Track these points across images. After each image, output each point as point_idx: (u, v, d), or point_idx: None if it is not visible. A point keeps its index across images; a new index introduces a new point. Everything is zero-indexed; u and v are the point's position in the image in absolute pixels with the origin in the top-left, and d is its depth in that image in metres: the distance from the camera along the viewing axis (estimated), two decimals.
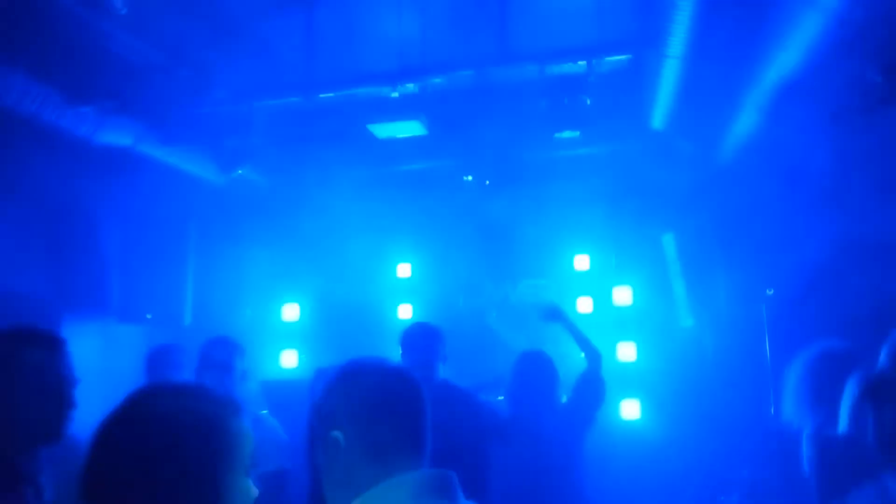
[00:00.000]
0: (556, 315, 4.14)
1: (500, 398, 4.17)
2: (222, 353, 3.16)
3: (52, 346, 2.02)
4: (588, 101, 4.36)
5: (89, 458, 1.17)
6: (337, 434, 1.45)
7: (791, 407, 2.74)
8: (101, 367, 4.92)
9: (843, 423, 2.22)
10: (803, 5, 3.17)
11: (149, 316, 4.76)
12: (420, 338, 3.45)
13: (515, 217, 6.41)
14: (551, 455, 3.58)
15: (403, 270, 6.72)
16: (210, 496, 1.15)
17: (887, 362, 1.88)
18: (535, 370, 3.71)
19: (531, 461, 3.59)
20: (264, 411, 3.97)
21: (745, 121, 4.30)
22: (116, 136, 4.22)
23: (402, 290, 6.63)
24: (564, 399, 3.81)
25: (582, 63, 4.24)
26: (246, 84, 4.50)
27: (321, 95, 4.47)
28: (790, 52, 3.48)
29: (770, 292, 4.46)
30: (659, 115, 4.67)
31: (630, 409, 5.44)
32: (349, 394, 1.49)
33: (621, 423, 5.36)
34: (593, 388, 3.78)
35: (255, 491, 1.23)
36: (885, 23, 2.98)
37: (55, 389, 1.97)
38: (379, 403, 1.48)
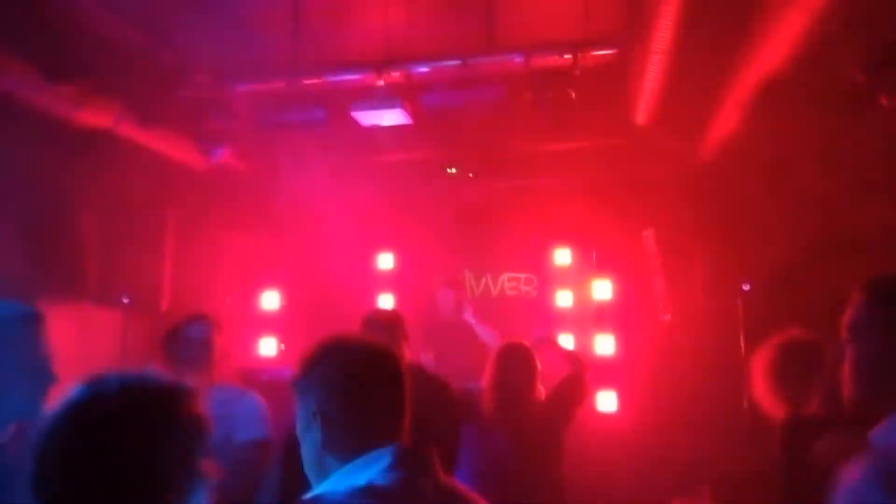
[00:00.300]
0: (544, 341, 4.19)
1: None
2: (202, 331, 3.13)
3: (36, 319, 2.00)
4: (573, 95, 4.38)
5: (36, 451, 1.15)
6: (318, 408, 1.46)
7: (761, 396, 2.80)
8: (77, 350, 4.86)
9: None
10: (786, 2, 3.21)
11: (126, 300, 4.69)
12: (381, 322, 3.43)
13: (497, 209, 6.43)
14: (529, 446, 3.59)
15: (384, 261, 6.71)
16: (157, 483, 1.14)
17: None
18: (515, 361, 3.72)
19: (509, 451, 3.61)
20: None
21: (727, 117, 4.35)
22: (96, 116, 4.15)
23: (382, 281, 6.63)
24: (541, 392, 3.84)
25: (567, 56, 4.26)
26: (229, 67, 4.45)
27: (305, 81, 4.44)
28: (773, 49, 3.52)
29: (746, 287, 4.52)
30: (642, 110, 4.70)
31: (606, 402, 5.49)
32: (331, 367, 1.50)
33: (597, 416, 5.41)
34: (576, 388, 3.81)
35: (211, 473, 1.23)
36: (867, 21, 3.03)
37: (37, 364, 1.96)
38: (361, 377, 1.49)
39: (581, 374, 3.86)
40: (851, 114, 3.40)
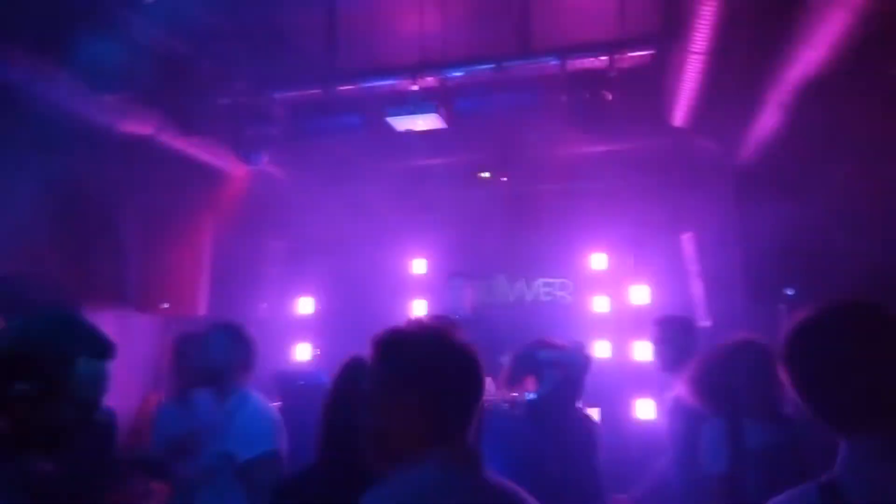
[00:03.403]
0: None
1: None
2: (209, 342, 3.16)
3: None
4: (609, 97, 4.34)
5: None
6: (397, 403, 1.44)
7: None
8: (119, 355, 4.96)
9: None
10: (829, 1, 3.13)
11: (165, 305, 4.78)
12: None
13: (531, 214, 6.39)
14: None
15: (418, 266, 6.71)
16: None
17: None
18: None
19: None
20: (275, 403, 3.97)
21: (768, 117, 4.26)
22: (137, 125, 4.25)
23: (416, 286, 6.63)
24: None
25: (603, 58, 4.21)
26: (266, 75, 4.51)
27: (341, 87, 4.47)
28: (815, 49, 3.43)
29: (790, 292, 4.40)
30: (680, 112, 4.63)
31: (645, 409, 5.39)
32: (412, 361, 1.46)
33: (637, 424, 5.32)
34: None
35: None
36: None
37: None
38: (444, 371, 1.46)
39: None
40: (895, 112, 3.30)
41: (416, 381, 1.44)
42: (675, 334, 3.91)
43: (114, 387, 2.61)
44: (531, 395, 3.44)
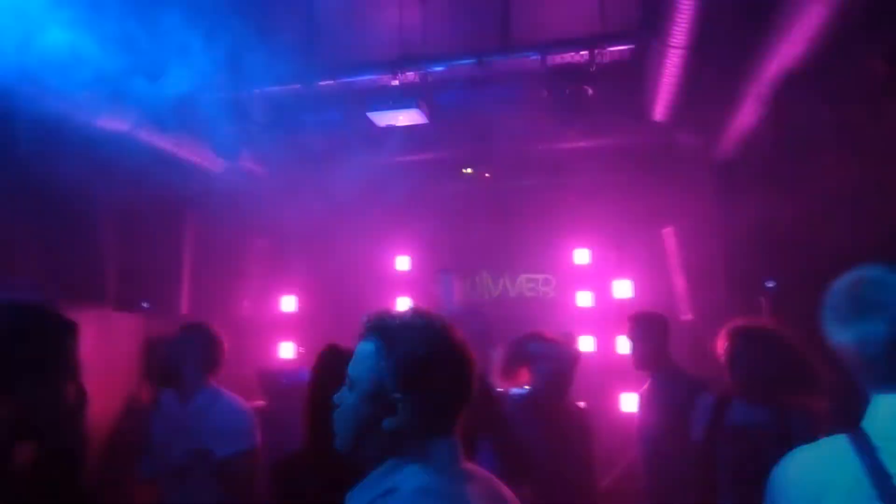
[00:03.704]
0: None
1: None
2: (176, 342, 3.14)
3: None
4: (590, 92, 4.34)
5: None
6: (396, 396, 1.41)
7: None
8: (98, 355, 4.89)
9: None
10: None
11: (145, 305, 4.72)
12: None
13: (514, 209, 6.39)
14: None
15: (402, 263, 6.69)
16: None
17: None
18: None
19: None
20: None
21: (748, 111, 4.28)
22: (113, 121, 4.18)
23: (400, 283, 6.61)
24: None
25: (584, 53, 4.21)
26: (245, 70, 4.46)
27: (321, 83, 4.44)
28: (793, 43, 3.46)
29: (771, 284, 4.43)
30: (660, 107, 4.65)
31: (630, 403, 5.41)
32: (407, 352, 1.43)
33: (622, 417, 5.34)
34: None
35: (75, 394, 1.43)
36: (889, 12, 2.96)
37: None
38: (440, 361, 1.43)
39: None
40: (875, 106, 3.32)
41: (420, 373, 1.41)
42: (648, 331, 3.92)
43: (95, 386, 2.59)
44: (524, 388, 3.44)
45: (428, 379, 1.41)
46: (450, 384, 1.43)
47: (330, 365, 2.23)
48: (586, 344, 5.92)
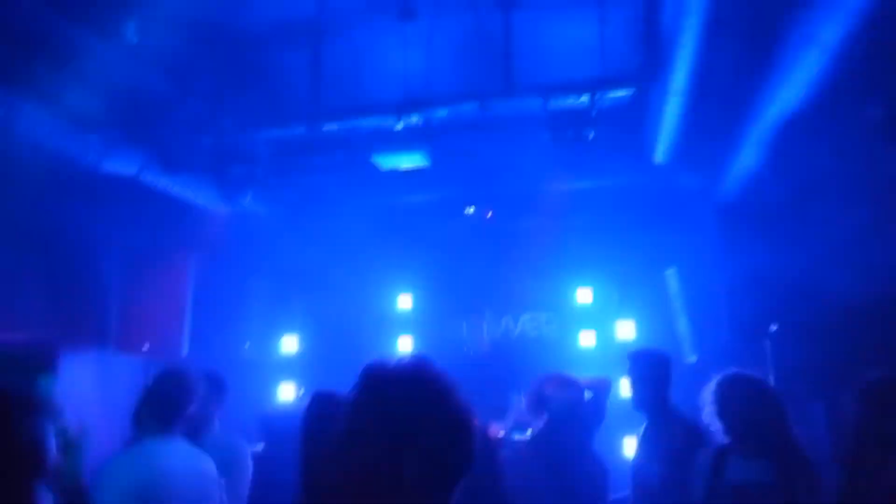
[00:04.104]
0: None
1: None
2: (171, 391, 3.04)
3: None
4: (591, 135, 4.39)
5: None
6: (397, 460, 1.29)
7: None
8: (98, 397, 4.85)
9: None
10: (804, 43, 3.21)
11: (146, 347, 4.70)
12: None
13: (517, 248, 6.40)
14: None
15: (404, 302, 6.68)
16: None
17: None
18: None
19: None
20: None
21: (748, 155, 4.32)
22: (121, 164, 4.23)
23: (402, 322, 6.59)
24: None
25: (585, 97, 4.27)
26: (252, 114, 4.52)
27: (326, 126, 4.49)
28: (792, 88, 3.51)
29: (774, 328, 4.41)
30: (662, 149, 4.69)
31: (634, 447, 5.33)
32: (414, 410, 1.31)
33: (625, 461, 5.25)
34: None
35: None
36: (885, 57, 3.01)
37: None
38: (434, 423, 1.31)
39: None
40: (874, 153, 3.36)
41: (417, 437, 1.30)
42: (647, 371, 3.69)
43: (94, 427, 2.56)
44: (527, 433, 3.41)
45: (419, 440, 1.30)
46: (444, 449, 1.32)
47: (319, 415, 2.19)
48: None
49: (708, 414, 2.95)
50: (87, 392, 4.75)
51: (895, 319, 3.88)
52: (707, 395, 2.99)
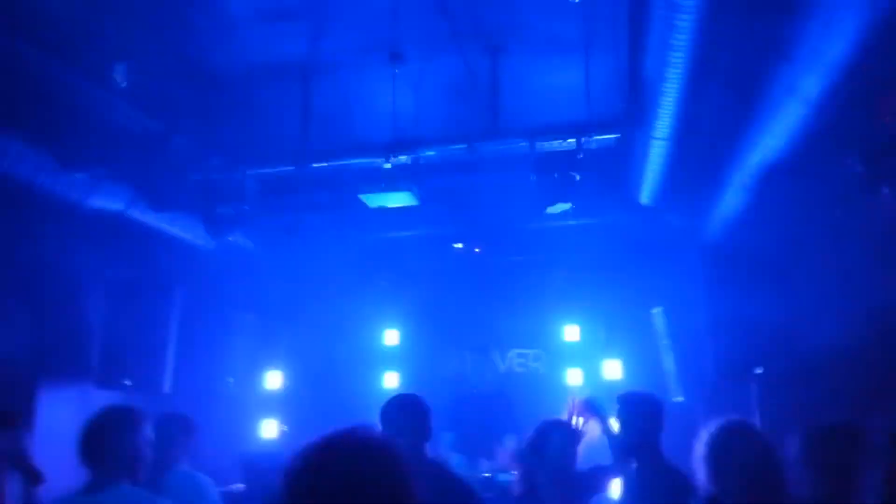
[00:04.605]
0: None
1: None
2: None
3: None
4: (577, 177, 4.43)
5: None
6: None
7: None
8: (77, 432, 4.77)
9: None
10: (785, 94, 3.27)
11: (128, 382, 4.64)
12: (404, 412, 3.23)
13: (505, 284, 6.42)
14: None
15: (390, 338, 6.66)
16: None
17: None
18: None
19: None
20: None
21: (731, 200, 4.37)
22: (108, 201, 4.22)
23: (389, 358, 6.56)
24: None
25: (571, 140, 4.32)
26: (240, 152, 4.54)
27: (314, 165, 4.51)
28: (773, 138, 3.57)
29: (759, 371, 4.42)
30: (647, 192, 4.74)
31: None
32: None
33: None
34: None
35: None
36: (865, 111, 3.07)
37: None
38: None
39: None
40: (853, 201, 3.41)
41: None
42: (637, 414, 3.49)
43: (73, 464, 2.51)
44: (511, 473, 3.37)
45: None
46: None
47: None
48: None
49: (701, 470, 2.85)
50: (67, 427, 4.67)
51: (878, 364, 3.90)
52: (700, 449, 2.88)
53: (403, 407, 3.14)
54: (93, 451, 2.58)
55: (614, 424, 3.76)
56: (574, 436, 3.58)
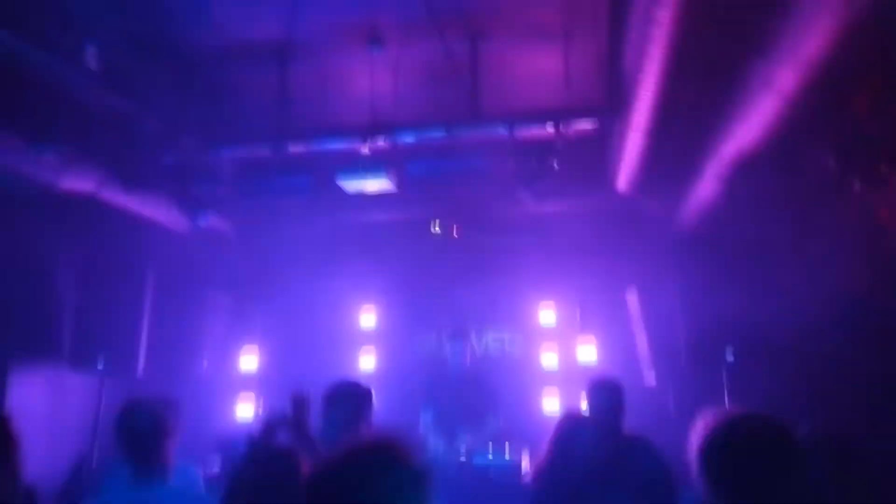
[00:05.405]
0: None
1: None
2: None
3: None
4: (555, 163, 4.44)
5: None
6: None
7: None
8: (51, 414, 4.74)
9: None
10: (760, 87, 3.29)
11: (100, 365, 4.60)
12: (346, 397, 3.20)
13: (481, 267, 6.44)
14: None
15: (367, 319, 6.66)
16: None
17: None
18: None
19: None
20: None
21: (705, 188, 4.42)
22: (79, 181, 4.14)
23: (365, 339, 6.57)
24: None
25: (550, 127, 4.32)
26: (215, 133, 4.48)
27: (291, 148, 4.46)
28: (748, 130, 3.60)
29: (730, 359, 4.51)
30: (623, 179, 4.77)
31: None
32: None
33: None
34: None
35: None
36: (838, 108, 3.10)
37: None
38: None
39: None
40: (826, 195, 3.46)
41: None
42: (604, 403, 3.47)
43: (45, 445, 2.51)
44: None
45: None
46: None
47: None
48: (551, 404, 5.95)
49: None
50: (40, 409, 4.64)
51: (847, 354, 4.00)
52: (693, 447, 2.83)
53: (344, 390, 3.20)
54: (144, 447, 2.59)
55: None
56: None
